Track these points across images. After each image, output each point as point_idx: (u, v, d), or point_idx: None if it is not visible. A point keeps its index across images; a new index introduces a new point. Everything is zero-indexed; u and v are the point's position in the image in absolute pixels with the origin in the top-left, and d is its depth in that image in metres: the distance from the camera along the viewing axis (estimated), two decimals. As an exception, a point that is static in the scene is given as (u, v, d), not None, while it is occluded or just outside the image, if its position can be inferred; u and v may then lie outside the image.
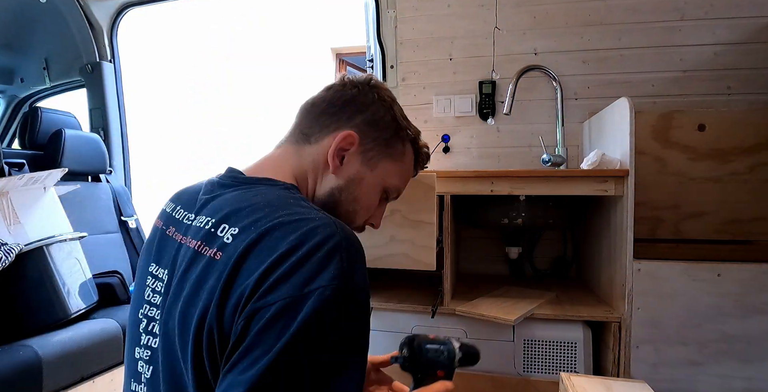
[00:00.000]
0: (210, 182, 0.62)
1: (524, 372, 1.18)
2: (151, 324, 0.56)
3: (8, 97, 2.38)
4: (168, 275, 0.55)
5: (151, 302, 0.57)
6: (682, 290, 1.08)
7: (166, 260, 0.57)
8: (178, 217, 0.60)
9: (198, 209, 0.58)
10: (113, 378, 1.29)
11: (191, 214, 0.58)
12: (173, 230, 0.59)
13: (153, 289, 0.57)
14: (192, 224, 0.56)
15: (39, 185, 1.39)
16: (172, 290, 0.53)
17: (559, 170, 1.15)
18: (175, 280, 0.53)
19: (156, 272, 0.58)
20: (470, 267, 1.68)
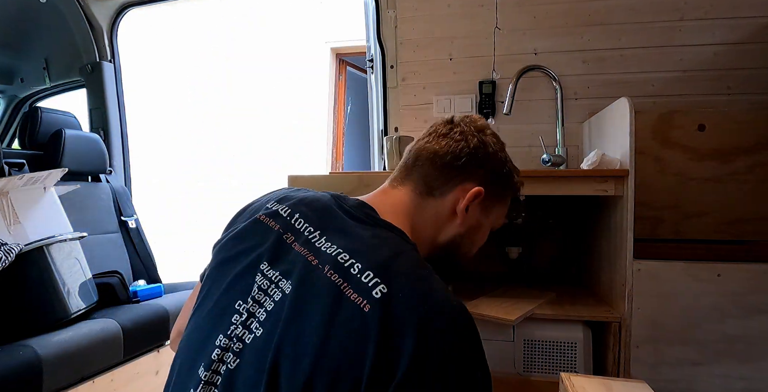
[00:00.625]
0: (337, 204, 0.62)
1: (524, 372, 1.18)
2: (251, 321, 0.54)
3: (8, 97, 2.38)
4: (291, 286, 0.53)
5: (255, 298, 0.55)
6: (682, 290, 1.08)
7: (285, 267, 0.55)
8: (299, 227, 0.59)
9: (322, 229, 0.58)
10: (113, 378, 1.29)
11: (314, 231, 0.58)
12: (293, 239, 0.58)
13: (259, 286, 0.55)
14: (315, 243, 0.56)
15: (39, 185, 1.39)
16: (291, 305, 0.51)
17: (559, 170, 1.15)
18: (295, 297, 0.52)
19: (268, 272, 0.56)
20: (470, 267, 1.68)
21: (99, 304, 1.40)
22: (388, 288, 0.49)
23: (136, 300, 1.54)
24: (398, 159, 1.33)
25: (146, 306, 1.48)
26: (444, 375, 0.46)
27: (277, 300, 0.53)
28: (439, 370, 0.46)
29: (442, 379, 0.46)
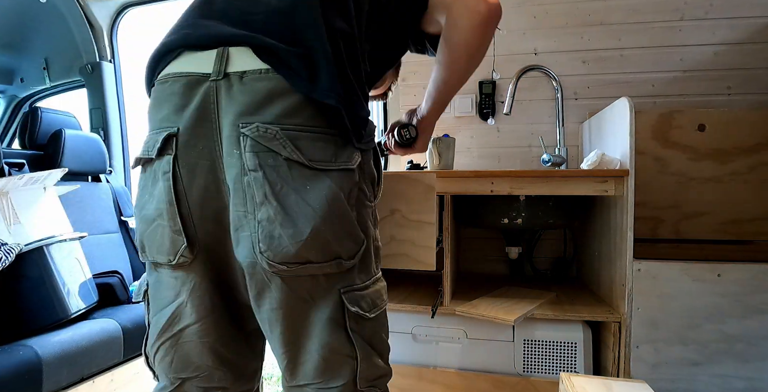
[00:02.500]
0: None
1: (524, 372, 1.18)
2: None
3: (8, 97, 2.38)
4: None
5: None
6: (682, 290, 1.08)
7: None
8: None
9: None
10: (113, 378, 1.29)
11: None
12: None
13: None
14: None
15: (39, 185, 1.39)
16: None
17: (559, 170, 1.15)
18: None
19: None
20: (470, 267, 1.68)
21: (99, 304, 1.40)
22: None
23: (136, 301, 1.54)
24: (438, 159, 1.34)
25: (146, 306, 1.48)
26: None
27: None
28: None
29: None
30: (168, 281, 0.64)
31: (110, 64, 2.14)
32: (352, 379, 0.63)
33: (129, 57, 2.27)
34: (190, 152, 0.59)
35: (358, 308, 0.62)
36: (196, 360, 0.66)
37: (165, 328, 0.65)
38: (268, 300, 0.61)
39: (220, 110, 0.58)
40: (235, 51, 0.59)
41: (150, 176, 0.63)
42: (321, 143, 0.59)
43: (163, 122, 0.61)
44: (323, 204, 0.57)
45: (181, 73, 0.61)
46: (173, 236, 0.60)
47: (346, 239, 0.61)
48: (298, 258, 0.57)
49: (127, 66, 2.23)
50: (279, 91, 0.58)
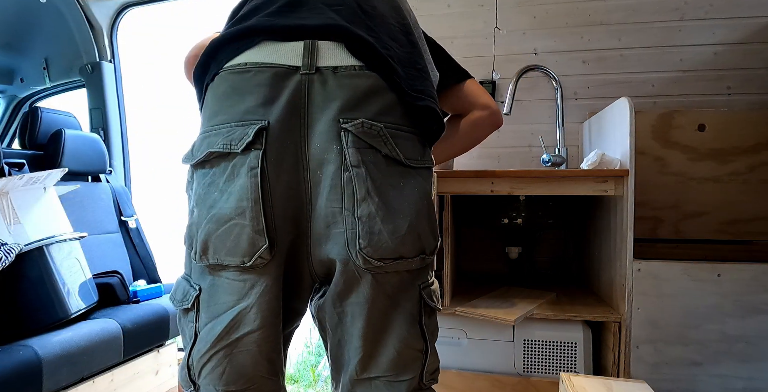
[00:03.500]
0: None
1: (524, 372, 1.18)
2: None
3: (8, 97, 2.38)
4: None
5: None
6: (682, 290, 1.08)
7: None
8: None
9: None
10: (113, 378, 1.29)
11: None
12: None
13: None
14: None
15: (39, 185, 1.39)
16: None
17: (559, 170, 1.15)
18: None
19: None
20: (470, 267, 1.68)
21: (99, 304, 1.40)
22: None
23: (136, 300, 1.54)
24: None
25: (146, 306, 1.48)
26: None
27: None
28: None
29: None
30: (231, 285, 0.60)
31: (110, 64, 2.14)
32: (420, 373, 0.64)
33: (129, 57, 2.27)
34: (279, 147, 0.57)
35: (433, 301, 0.65)
36: (250, 371, 0.62)
37: (222, 336, 0.60)
38: (354, 295, 0.61)
39: (311, 105, 0.57)
40: (324, 45, 0.59)
41: (223, 171, 0.58)
42: (411, 142, 0.61)
43: (248, 114, 0.58)
44: (417, 201, 0.59)
45: (267, 63, 0.58)
46: (253, 236, 0.57)
47: (430, 235, 0.62)
48: (395, 254, 0.58)
49: (127, 66, 2.23)
50: (376, 88, 0.58)
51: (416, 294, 0.63)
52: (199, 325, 0.62)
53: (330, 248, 0.59)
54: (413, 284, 0.63)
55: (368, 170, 0.56)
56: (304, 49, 0.58)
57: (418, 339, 0.63)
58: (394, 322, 0.62)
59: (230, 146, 0.57)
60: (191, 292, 0.62)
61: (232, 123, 0.58)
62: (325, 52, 0.58)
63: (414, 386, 0.64)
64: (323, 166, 0.57)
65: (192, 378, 0.64)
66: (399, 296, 0.62)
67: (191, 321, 0.63)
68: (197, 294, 0.62)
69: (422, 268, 0.63)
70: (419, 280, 0.63)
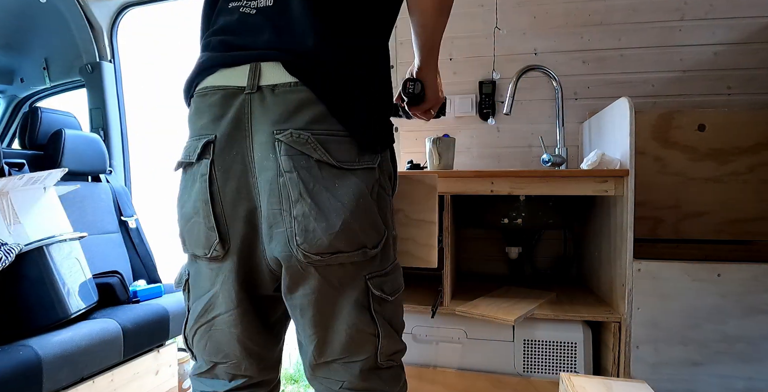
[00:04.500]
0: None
1: (524, 372, 1.18)
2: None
3: (8, 97, 2.38)
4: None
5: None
6: (682, 290, 1.08)
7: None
8: None
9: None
10: (113, 378, 1.29)
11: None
12: None
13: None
14: None
15: (39, 185, 1.39)
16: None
17: (559, 170, 1.15)
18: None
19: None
20: (470, 267, 1.68)
21: (99, 304, 1.40)
22: None
23: (136, 300, 1.54)
24: (439, 159, 1.34)
25: (146, 306, 1.48)
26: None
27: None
28: None
29: None
30: (206, 272, 0.71)
31: (110, 64, 2.14)
32: (374, 354, 0.70)
33: (129, 57, 2.27)
34: (226, 157, 0.66)
35: (381, 292, 0.70)
36: (225, 348, 0.73)
37: (201, 314, 0.73)
38: (301, 288, 0.67)
39: (253, 119, 0.65)
40: (267, 66, 0.66)
41: (189, 177, 0.70)
42: (346, 146, 0.66)
43: (203, 130, 0.68)
44: (351, 200, 0.65)
45: (219, 86, 0.68)
46: (208, 232, 0.67)
47: (371, 231, 0.68)
48: (331, 249, 0.64)
49: (127, 66, 2.23)
50: (308, 101, 0.65)
51: (362, 284, 0.68)
52: (189, 303, 0.75)
53: (274, 246, 0.66)
54: (358, 274, 0.68)
55: (300, 174, 0.63)
56: (249, 72, 0.66)
57: (369, 323, 0.69)
58: (343, 310, 0.68)
59: (189, 157, 0.69)
60: (183, 276, 0.76)
61: (193, 138, 0.70)
62: (267, 72, 0.66)
63: (370, 365, 0.70)
64: (264, 172, 0.65)
65: (188, 345, 0.77)
66: (344, 286, 0.68)
67: (186, 300, 0.76)
68: (187, 278, 0.75)
69: (367, 260, 0.69)
70: (365, 271, 0.69)
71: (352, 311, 0.68)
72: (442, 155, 1.35)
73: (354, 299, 0.68)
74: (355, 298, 0.68)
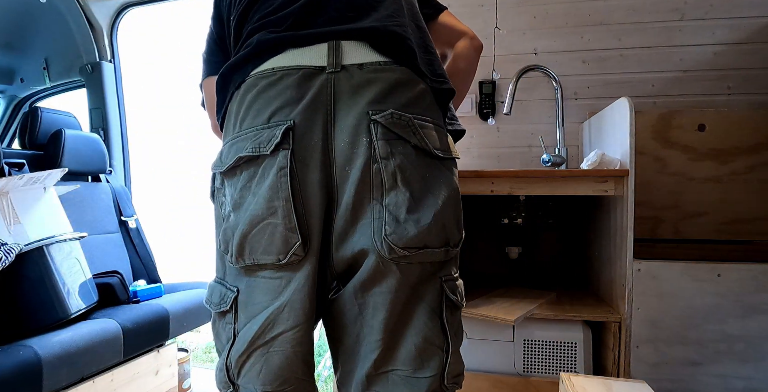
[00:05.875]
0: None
1: (524, 372, 1.18)
2: None
3: (8, 97, 2.38)
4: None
5: None
6: (682, 290, 1.08)
7: None
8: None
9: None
10: (113, 378, 1.29)
11: None
12: None
13: None
14: None
15: (39, 185, 1.39)
16: None
17: (559, 170, 1.15)
18: None
19: None
20: (470, 267, 1.68)
21: (99, 304, 1.40)
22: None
23: (136, 300, 1.54)
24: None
25: (146, 306, 1.48)
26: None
27: None
28: None
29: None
30: (267, 284, 0.61)
31: (110, 64, 2.14)
32: (441, 373, 0.62)
33: (129, 57, 2.27)
34: (306, 145, 0.58)
35: (456, 296, 0.64)
36: (285, 373, 0.63)
37: (258, 335, 0.62)
38: (378, 286, 0.60)
39: (338, 101, 0.58)
40: (348, 44, 0.60)
41: (253, 174, 0.60)
42: (437, 133, 0.61)
43: (275, 117, 0.59)
44: (444, 191, 0.60)
45: (293, 66, 0.60)
46: (287, 234, 0.58)
47: (456, 227, 0.63)
48: (419, 243, 0.58)
49: (127, 66, 2.23)
50: (403, 81, 0.59)
51: (438, 286, 0.62)
52: (238, 326, 0.63)
53: (356, 240, 0.59)
54: (435, 275, 0.62)
55: (397, 161, 0.57)
56: (328, 50, 0.60)
57: (438, 334, 0.62)
58: (415, 314, 0.61)
59: (259, 149, 0.58)
60: (229, 294, 0.64)
61: (259, 126, 0.60)
62: (350, 50, 0.60)
63: (435, 386, 0.62)
64: (352, 160, 0.58)
65: (231, 378, 0.64)
66: (421, 287, 0.61)
67: (230, 323, 0.64)
68: (235, 295, 0.63)
69: (446, 261, 0.63)
70: (442, 272, 0.63)
71: (423, 316, 0.61)
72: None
73: (428, 303, 0.62)
74: (429, 302, 0.62)
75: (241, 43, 0.68)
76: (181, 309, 1.54)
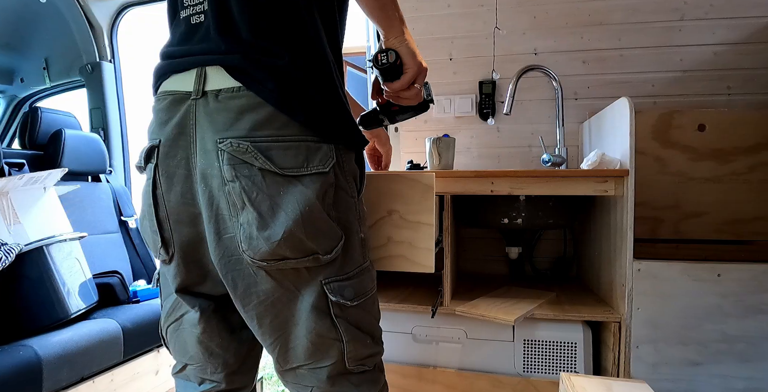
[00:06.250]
0: None
1: (524, 372, 1.18)
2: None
3: (8, 97, 2.38)
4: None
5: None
6: (682, 290, 1.08)
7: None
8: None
9: None
10: (113, 378, 1.29)
11: None
12: None
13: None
14: None
15: (39, 185, 1.39)
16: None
17: (559, 170, 1.15)
18: None
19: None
20: (470, 267, 1.68)
21: (99, 304, 1.40)
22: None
23: (135, 300, 1.54)
24: (438, 159, 1.34)
25: (146, 306, 1.48)
26: None
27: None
28: None
29: None
30: (167, 273, 0.73)
31: (110, 64, 2.14)
32: (341, 359, 0.69)
33: (129, 57, 2.27)
34: (170, 162, 0.66)
35: (340, 297, 0.67)
36: (190, 350, 0.74)
37: (170, 312, 0.74)
38: (255, 295, 0.66)
39: (198, 125, 0.64)
40: (211, 70, 0.65)
41: (145, 179, 0.71)
42: (292, 151, 0.63)
43: (151, 135, 0.69)
44: (295, 208, 0.62)
45: (169, 91, 0.68)
46: (152, 235, 0.69)
47: (321, 238, 0.65)
48: (275, 256, 0.62)
49: (127, 66, 2.23)
50: (250, 106, 0.63)
51: (318, 289, 0.66)
52: (162, 301, 0.77)
53: (222, 251, 0.65)
54: (314, 279, 0.66)
55: (242, 183, 0.62)
56: (195, 76, 0.65)
57: (330, 329, 0.67)
58: (301, 314, 0.67)
59: (141, 161, 0.70)
60: (156, 274, 0.79)
61: (146, 142, 0.70)
62: (212, 76, 0.65)
63: (338, 370, 0.69)
64: (210, 179, 0.63)
65: (165, 344, 0.79)
66: (301, 290, 0.66)
67: (160, 297, 0.79)
68: (158, 277, 0.78)
69: (322, 266, 0.66)
70: (321, 275, 0.67)
71: (311, 316, 0.66)
72: (442, 155, 1.35)
73: (312, 303, 0.66)
74: (312, 303, 0.66)
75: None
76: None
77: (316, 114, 0.65)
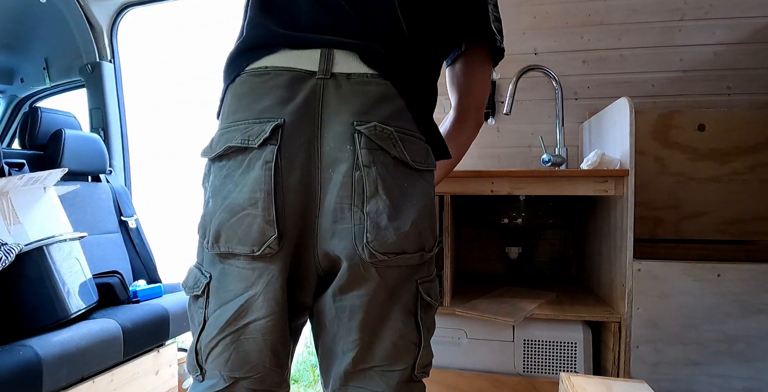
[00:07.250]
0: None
1: (524, 372, 1.18)
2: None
3: (8, 97, 2.38)
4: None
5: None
6: (682, 290, 1.08)
7: None
8: None
9: None
10: (113, 378, 1.29)
11: None
12: None
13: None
14: None
15: (39, 185, 1.39)
16: None
17: (559, 170, 1.15)
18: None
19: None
20: (470, 267, 1.68)
21: (99, 304, 1.40)
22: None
23: (136, 300, 1.54)
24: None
25: (146, 306, 1.48)
26: None
27: None
28: None
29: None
30: (241, 273, 0.62)
31: (110, 64, 2.14)
32: (412, 364, 0.67)
33: (129, 57, 2.27)
34: (292, 144, 0.61)
35: (430, 297, 0.68)
36: (254, 360, 0.64)
37: (230, 321, 0.63)
38: (356, 289, 0.63)
39: (326, 106, 0.61)
40: (339, 53, 0.63)
41: (239, 164, 0.62)
42: (417, 146, 0.65)
43: (265, 113, 0.62)
44: (420, 200, 0.64)
45: (284, 67, 0.63)
46: (264, 226, 0.59)
47: (430, 234, 0.66)
48: (398, 249, 0.61)
49: (127, 66, 2.23)
50: (388, 95, 0.63)
51: (414, 288, 0.66)
52: (208, 311, 0.64)
53: (336, 243, 0.61)
54: (411, 278, 0.66)
55: (378, 170, 0.60)
56: (320, 56, 0.63)
57: (413, 331, 0.66)
58: (392, 314, 0.65)
59: (248, 141, 0.61)
60: (202, 279, 0.65)
61: (249, 120, 0.62)
62: (340, 59, 0.63)
63: (406, 376, 0.66)
64: (335, 164, 0.60)
65: (199, 362, 0.66)
66: (398, 289, 0.65)
67: (201, 307, 0.65)
68: (207, 281, 0.65)
69: (421, 264, 0.67)
70: (417, 275, 0.67)
71: (400, 316, 0.65)
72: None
73: (404, 304, 0.65)
74: (405, 303, 0.65)
75: (241, 29, 0.71)
76: (181, 309, 1.54)
77: (428, 121, 0.68)
